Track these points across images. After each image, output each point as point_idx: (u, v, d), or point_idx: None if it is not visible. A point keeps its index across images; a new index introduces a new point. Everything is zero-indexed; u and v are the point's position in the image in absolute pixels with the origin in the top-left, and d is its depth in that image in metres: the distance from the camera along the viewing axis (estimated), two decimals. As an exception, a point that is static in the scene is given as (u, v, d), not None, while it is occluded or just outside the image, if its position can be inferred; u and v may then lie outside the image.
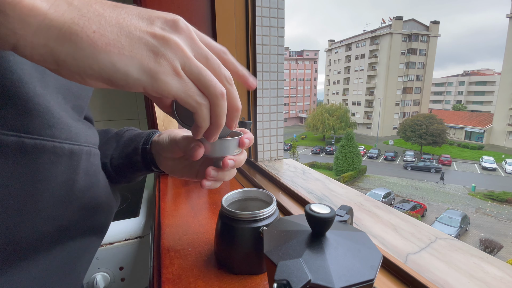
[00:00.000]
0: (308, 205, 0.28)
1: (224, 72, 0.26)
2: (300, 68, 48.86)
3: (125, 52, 0.20)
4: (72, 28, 0.18)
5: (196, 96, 0.24)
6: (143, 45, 0.21)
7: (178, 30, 0.23)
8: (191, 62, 0.23)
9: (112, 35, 0.19)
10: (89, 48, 0.18)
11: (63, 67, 0.19)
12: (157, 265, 0.43)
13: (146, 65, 0.21)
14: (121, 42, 0.20)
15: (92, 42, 0.18)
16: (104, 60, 0.19)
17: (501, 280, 0.38)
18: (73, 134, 0.27)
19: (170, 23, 0.23)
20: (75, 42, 0.18)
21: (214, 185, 0.37)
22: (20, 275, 0.26)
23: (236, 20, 0.95)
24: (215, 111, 0.26)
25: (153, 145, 0.42)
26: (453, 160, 22.38)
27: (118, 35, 0.20)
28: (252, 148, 1.04)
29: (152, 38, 0.21)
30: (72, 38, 0.18)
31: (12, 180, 0.23)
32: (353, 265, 0.25)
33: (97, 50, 0.19)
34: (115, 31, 0.19)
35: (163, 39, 0.21)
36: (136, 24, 0.21)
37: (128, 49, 0.20)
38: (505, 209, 13.66)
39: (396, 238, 0.50)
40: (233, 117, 0.28)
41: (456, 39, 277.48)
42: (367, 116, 36.10)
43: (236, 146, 0.35)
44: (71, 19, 0.18)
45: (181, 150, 0.36)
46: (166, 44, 0.21)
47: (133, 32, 0.20)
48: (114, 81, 0.20)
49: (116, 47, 0.19)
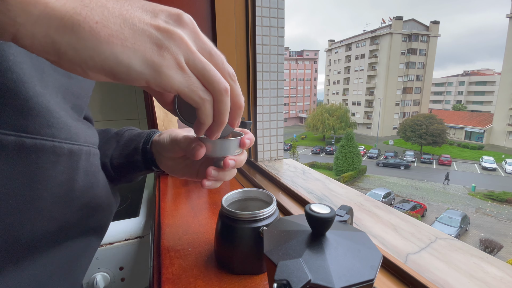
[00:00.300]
0: (308, 205, 0.28)
1: (227, 68, 0.25)
2: (300, 68, 48.86)
3: (128, 44, 0.19)
4: (74, 18, 0.17)
5: (199, 91, 0.23)
6: (146, 37, 0.20)
7: (182, 24, 0.22)
8: (195, 57, 0.22)
9: (115, 26, 0.19)
10: (92, 39, 0.18)
11: (64, 58, 0.18)
12: (157, 265, 0.43)
13: (149, 58, 0.20)
14: (124, 34, 0.19)
15: (95, 33, 0.18)
16: (106, 51, 0.19)
17: (501, 280, 0.38)
18: (72, 133, 0.27)
19: (174, 16, 0.22)
20: (77, 32, 0.18)
21: (215, 185, 0.37)
22: (19, 275, 0.26)
23: (236, 20, 0.95)
24: (219, 108, 0.25)
25: (154, 145, 0.42)
26: (453, 160, 22.39)
27: (121, 26, 0.19)
28: (252, 148, 1.04)
29: (156, 31, 0.21)
30: (74, 29, 0.17)
31: (11, 180, 0.23)
32: (353, 265, 0.25)
33: (99, 41, 0.18)
34: (118, 22, 0.19)
35: (167, 32, 0.21)
36: (139, 16, 0.20)
37: (131, 41, 0.19)
38: (505, 209, 13.66)
39: (396, 238, 0.49)
40: (236, 114, 0.28)
41: (455, 39, 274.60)
42: (367, 116, 36.11)
43: (237, 147, 0.35)
44: (73, 9, 0.17)
45: (182, 150, 0.36)
46: (170, 37, 0.21)
47: (137, 24, 0.20)
48: (116, 73, 0.20)
49: (119, 39, 0.19)
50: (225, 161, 0.34)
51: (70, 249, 0.31)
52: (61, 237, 0.30)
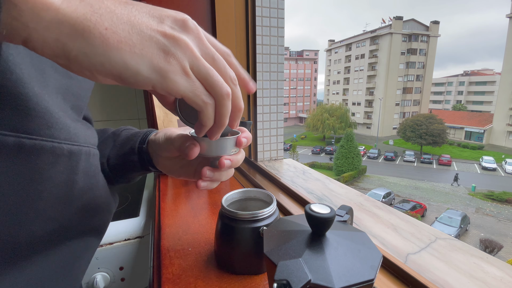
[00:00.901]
0: (308, 205, 0.28)
1: (229, 73, 0.26)
2: (300, 68, 48.86)
3: (137, 51, 0.20)
4: (84, 24, 0.18)
5: (202, 96, 0.24)
6: (153, 43, 0.21)
7: (187, 29, 0.23)
8: (199, 62, 0.23)
9: (123, 32, 0.19)
10: (102, 45, 0.19)
11: (74, 63, 0.19)
12: (157, 265, 0.43)
13: (156, 64, 0.21)
14: (133, 40, 0.20)
15: (105, 39, 0.19)
16: (115, 57, 0.19)
17: (501, 280, 0.38)
18: (72, 134, 0.27)
19: (180, 22, 0.23)
20: (87, 38, 0.18)
21: (211, 185, 0.37)
22: (18, 275, 0.26)
23: (236, 20, 0.95)
24: (220, 111, 0.26)
25: (150, 144, 0.42)
26: (453, 160, 22.40)
27: (129, 32, 0.20)
28: (252, 148, 1.04)
29: (163, 37, 0.21)
30: (84, 35, 0.18)
31: (10, 180, 0.23)
32: (353, 265, 0.25)
33: (109, 47, 0.19)
34: (126, 28, 0.20)
35: (173, 39, 0.22)
36: (146, 22, 0.21)
37: (139, 48, 0.20)
38: (505, 209, 13.66)
39: (396, 238, 0.49)
40: (236, 116, 0.29)
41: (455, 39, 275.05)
42: (367, 116, 36.11)
43: (233, 146, 0.34)
44: (84, 15, 0.18)
45: (176, 149, 0.36)
46: (176, 43, 0.22)
47: (144, 31, 0.20)
48: (124, 78, 0.20)
49: (128, 45, 0.19)
50: (220, 161, 0.34)
51: (69, 250, 0.31)
52: (60, 238, 0.30)
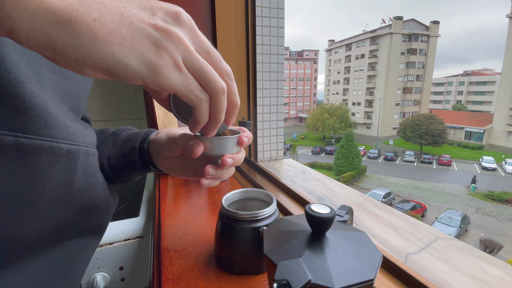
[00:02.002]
0: (308, 205, 0.28)
1: (225, 67, 0.25)
2: (300, 68, 48.85)
3: (126, 44, 0.19)
4: (71, 14, 0.17)
5: (196, 91, 0.23)
6: (144, 36, 0.20)
7: (180, 22, 0.22)
8: (192, 56, 0.22)
9: (113, 24, 0.19)
10: (89, 37, 0.18)
11: (60, 55, 0.18)
12: (157, 265, 0.43)
13: (147, 58, 0.20)
14: (122, 33, 0.19)
15: (92, 30, 0.18)
16: (104, 50, 0.18)
17: (501, 280, 0.38)
18: (70, 134, 0.27)
19: (173, 15, 0.22)
20: (74, 29, 0.17)
21: (213, 183, 0.37)
22: (17, 275, 0.26)
23: (236, 20, 0.95)
24: (215, 107, 0.25)
25: (151, 144, 0.42)
26: (453, 160, 22.39)
27: (119, 24, 0.19)
28: (252, 148, 1.04)
29: (154, 30, 0.20)
30: (71, 25, 0.17)
31: (9, 180, 0.23)
32: (353, 265, 0.25)
33: (97, 39, 0.18)
34: (116, 20, 0.19)
35: (165, 32, 0.21)
36: (137, 14, 0.20)
37: (129, 40, 0.19)
38: (505, 209, 13.65)
39: (396, 238, 0.49)
40: (232, 113, 0.28)
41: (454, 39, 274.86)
42: (367, 116, 36.10)
43: (235, 145, 0.35)
44: (70, 5, 0.17)
45: (180, 148, 0.36)
46: (168, 36, 0.21)
47: (135, 23, 0.20)
48: (114, 72, 0.19)
49: (117, 38, 0.19)
50: (223, 159, 0.34)
51: (68, 249, 0.31)
52: (59, 237, 0.30)
